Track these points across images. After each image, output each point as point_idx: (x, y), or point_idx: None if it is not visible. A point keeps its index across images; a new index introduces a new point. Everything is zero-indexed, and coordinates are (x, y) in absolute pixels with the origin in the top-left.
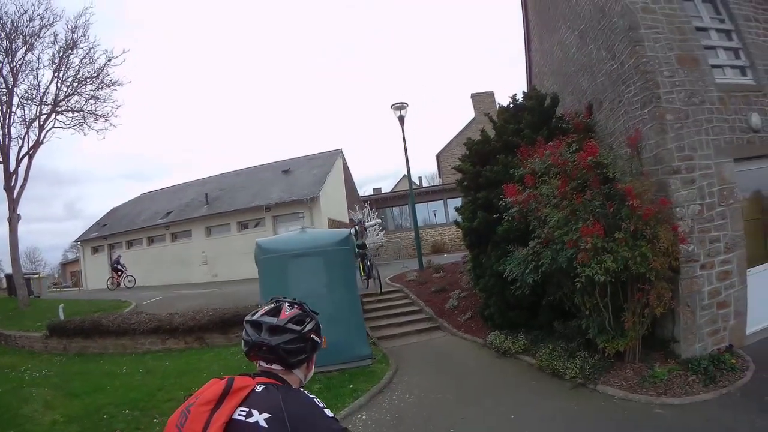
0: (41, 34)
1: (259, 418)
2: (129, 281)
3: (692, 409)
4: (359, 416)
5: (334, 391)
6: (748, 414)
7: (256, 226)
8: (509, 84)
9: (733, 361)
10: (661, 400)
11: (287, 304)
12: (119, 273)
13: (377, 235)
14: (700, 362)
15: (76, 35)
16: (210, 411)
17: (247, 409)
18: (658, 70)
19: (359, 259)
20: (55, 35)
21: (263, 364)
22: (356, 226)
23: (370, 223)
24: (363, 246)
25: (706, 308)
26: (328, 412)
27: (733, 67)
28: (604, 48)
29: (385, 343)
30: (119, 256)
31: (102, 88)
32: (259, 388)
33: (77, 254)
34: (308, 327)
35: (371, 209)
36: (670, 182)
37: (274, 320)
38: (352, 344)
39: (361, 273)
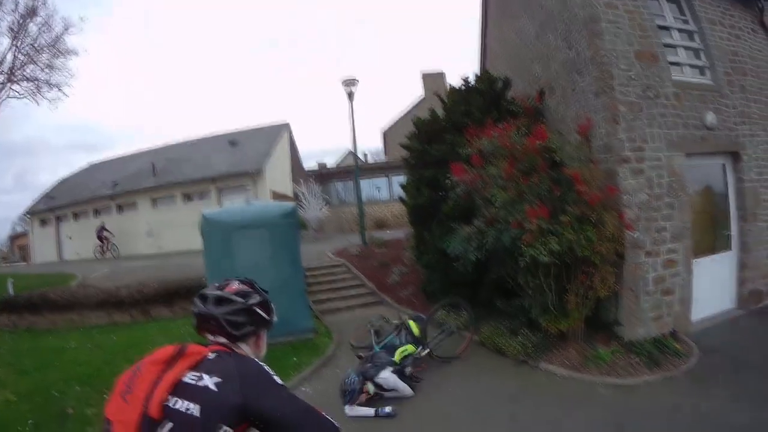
0: (2, 1)
1: (209, 381)
2: (114, 251)
3: (636, 390)
4: (303, 389)
5: (278, 364)
6: (692, 398)
7: (201, 198)
8: (461, 65)
9: (678, 346)
10: (605, 380)
11: (237, 281)
12: (104, 241)
13: (320, 209)
14: (644, 345)
15: (36, 2)
16: (160, 371)
17: (198, 374)
18: (615, 62)
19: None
20: (17, 2)
21: (211, 337)
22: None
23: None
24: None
25: (651, 294)
26: (277, 379)
27: (692, 66)
28: (561, 38)
29: (328, 316)
30: (103, 223)
31: (58, 57)
32: (212, 356)
33: (26, 227)
34: (252, 300)
35: (315, 183)
36: (619, 171)
37: (219, 292)
38: (296, 317)
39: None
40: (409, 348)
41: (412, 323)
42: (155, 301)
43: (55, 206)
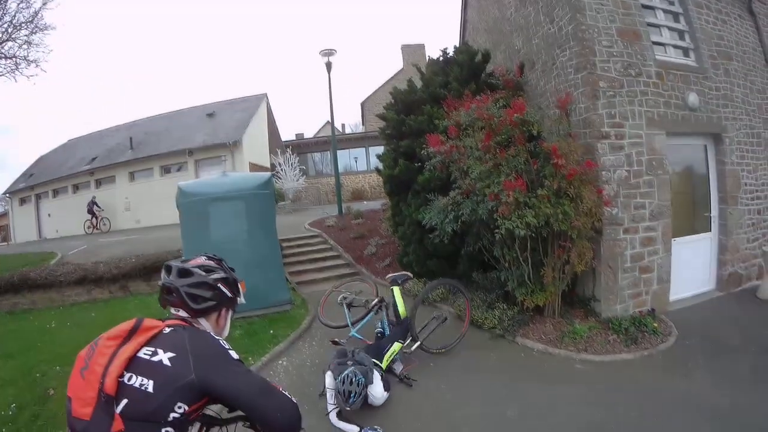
0: None
1: (164, 356)
2: (104, 224)
3: (613, 367)
4: (280, 362)
5: (255, 338)
6: (671, 377)
7: (178, 170)
8: (443, 38)
9: (656, 325)
10: (582, 356)
11: (205, 256)
12: (94, 216)
13: (297, 180)
14: (622, 323)
15: None
16: (116, 346)
17: (152, 349)
18: (596, 38)
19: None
20: None
21: (173, 310)
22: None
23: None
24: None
25: (629, 271)
26: (233, 354)
27: (676, 47)
28: (543, 12)
29: (304, 288)
30: (94, 198)
31: (35, 33)
32: (167, 330)
33: (5, 207)
34: (215, 275)
35: (292, 154)
36: (598, 146)
37: (183, 264)
38: (272, 289)
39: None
40: (396, 348)
41: (396, 292)
42: (133, 276)
43: (34, 184)
